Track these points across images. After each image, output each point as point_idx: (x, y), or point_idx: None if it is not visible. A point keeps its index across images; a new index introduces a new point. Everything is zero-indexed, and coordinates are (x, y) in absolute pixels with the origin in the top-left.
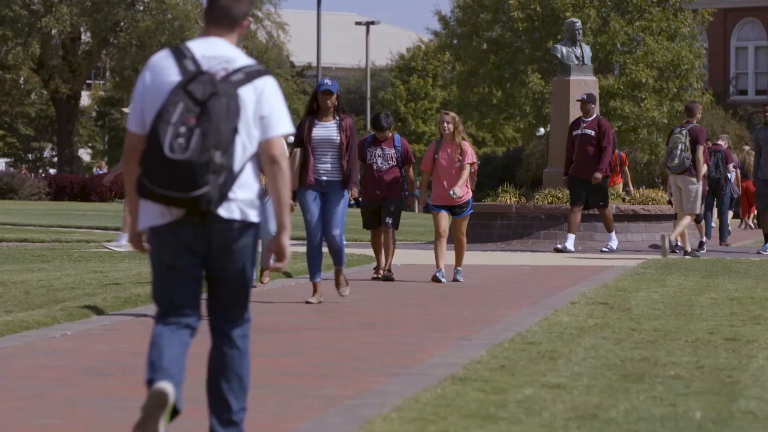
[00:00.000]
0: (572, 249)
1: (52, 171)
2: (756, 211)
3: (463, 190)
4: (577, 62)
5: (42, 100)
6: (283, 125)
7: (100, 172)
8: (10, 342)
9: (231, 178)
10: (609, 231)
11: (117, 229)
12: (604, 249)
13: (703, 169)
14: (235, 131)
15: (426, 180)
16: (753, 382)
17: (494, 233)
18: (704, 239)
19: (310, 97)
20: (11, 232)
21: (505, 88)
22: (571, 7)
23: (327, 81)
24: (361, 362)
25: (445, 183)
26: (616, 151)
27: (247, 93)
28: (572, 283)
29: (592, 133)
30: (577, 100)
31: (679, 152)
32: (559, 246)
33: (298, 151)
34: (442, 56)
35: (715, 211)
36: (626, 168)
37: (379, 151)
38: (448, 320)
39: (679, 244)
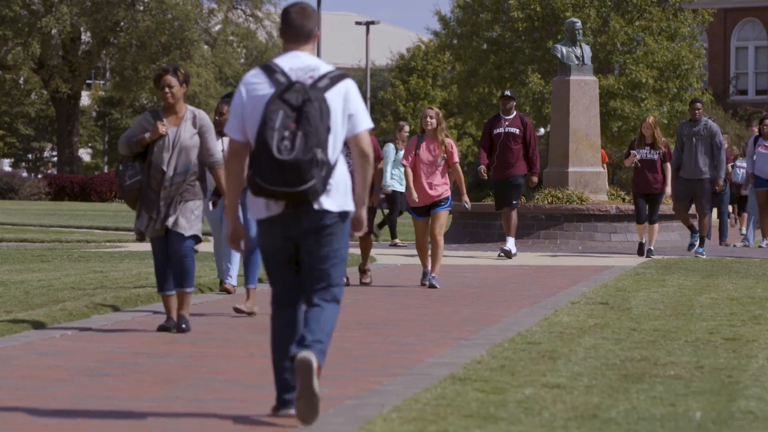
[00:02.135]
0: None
1: (53, 171)
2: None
3: (444, 187)
4: (577, 62)
5: (42, 100)
6: (367, 121)
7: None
8: (10, 342)
9: (329, 171)
10: (509, 235)
11: (117, 228)
12: (500, 254)
13: None
14: (328, 130)
15: (411, 175)
16: (753, 382)
17: (494, 233)
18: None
19: None
20: (11, 232)
21: (505, 88)
22: (571, 7)
23: None
24: (360, 362)
25: (424, 181)
26: None
27: (333, 95)
28: (572, 283)
29: (517, 131)
30: (501, 97)
31: None
32: (506, 248)
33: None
34: (442, 56)
35: (714, 210)
36: (605, 165)
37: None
38: (448, 320)
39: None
